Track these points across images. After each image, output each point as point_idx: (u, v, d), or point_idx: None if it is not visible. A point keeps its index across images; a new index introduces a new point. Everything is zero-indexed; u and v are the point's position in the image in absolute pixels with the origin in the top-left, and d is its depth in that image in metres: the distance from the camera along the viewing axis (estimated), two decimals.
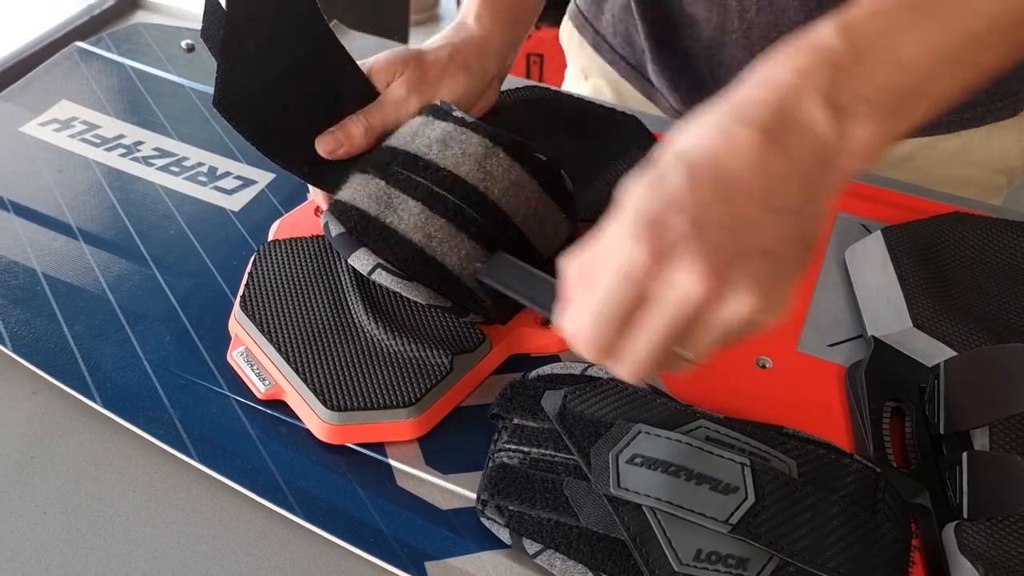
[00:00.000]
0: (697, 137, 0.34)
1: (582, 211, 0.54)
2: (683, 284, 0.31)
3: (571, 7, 0.82)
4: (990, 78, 0.37)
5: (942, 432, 0.42)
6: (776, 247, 0.32)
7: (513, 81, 0.67)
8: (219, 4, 0.47)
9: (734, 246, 0.31)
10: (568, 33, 0.83)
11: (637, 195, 0.33)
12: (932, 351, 0.45)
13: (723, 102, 0.35)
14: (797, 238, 0.33)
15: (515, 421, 0.42)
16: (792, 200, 0.33)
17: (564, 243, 0.50)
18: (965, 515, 0.39)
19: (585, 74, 0.80)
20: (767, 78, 0.35)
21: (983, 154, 0.65)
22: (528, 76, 1.80)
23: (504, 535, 0.40)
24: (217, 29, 0.47)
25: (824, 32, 0.34)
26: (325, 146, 0.51)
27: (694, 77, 0.70)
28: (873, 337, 0.47)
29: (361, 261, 0.46)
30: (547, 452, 0.39)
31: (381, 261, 0.46)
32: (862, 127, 0.34)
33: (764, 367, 0.48)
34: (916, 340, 0.46)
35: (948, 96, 0.36)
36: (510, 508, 0.39)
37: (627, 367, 0.34)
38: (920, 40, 0.34)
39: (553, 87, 0.66)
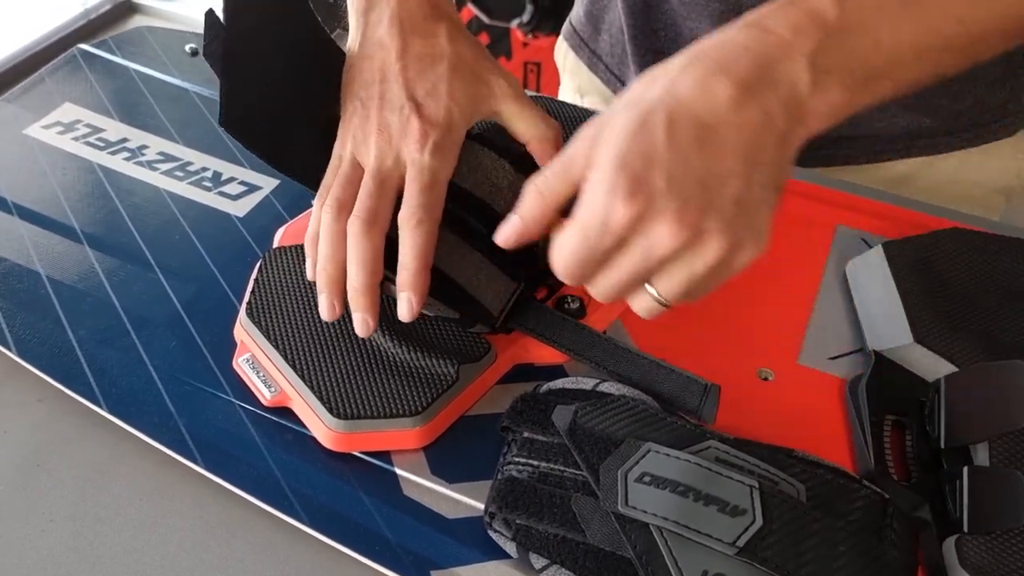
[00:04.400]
0: (678, 85, 0.35)
1: None
2: (658, 237, 0.34)
3: (566, 27, 0.82)
4: (946, 77, 0.41)
5: (942, 446, 0.43)
6: (747, 195, 0.35)
7: None
8: (219, 21, 0.46)
9: (708, 199, 0.34)
10: (563, 52, 0.83)
11: (619, 146, 0.34)
12: (933, 366, 0.46)
13: (710, 43, 0.36)
14: (768, 184, 0.35)
15: (525, 434, 0.42)
16: (764, 154, 0.35)
17: None
18: (965, 529, 0.39)
19: (581, 93, 0.80)
20: (758, 26, 0.36)
21: (981, 174, 0.66)
22: (525, 85, 1.81)
23: (511, 548, 0.40)
24: (218, 47, 0.46)
25: None
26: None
27: None
28: (874, 351, 0.48)
29: None
30: (556, 467, 0.40)
31: (388, 274, 0.46)
32: (835, 92, 0.36)
33: (766, 379, 0.49)
34: (917, 355, 0.47)
35: (907, 85, 0.39)
36: (517, 522, 0.39)
37: (598, 294, 0.39)
38: (900, 29, 0.37)
39: (553, 98, 0.66)
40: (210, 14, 0.46)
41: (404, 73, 0.46)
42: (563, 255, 0.37)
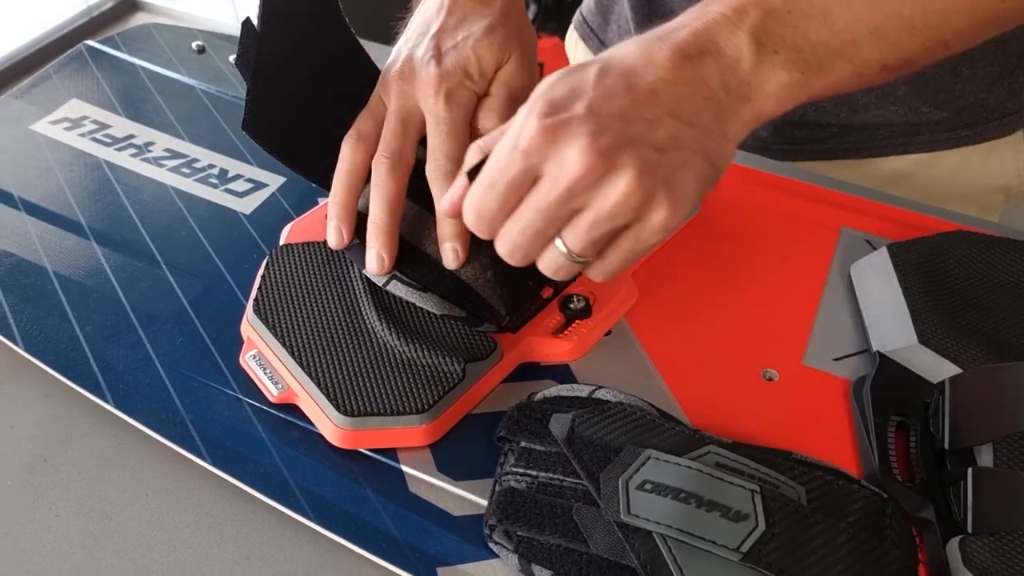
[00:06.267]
0: (620, 49, 0.36)
1: None
2: (567, 159, 0.32)
3: (576, 17, 0.83)
4: (917, 65, 0.39)
5: (946, 448, 0.43)
6: (672, 147, 0.33)
7: None
8: (255, 29, 0.46)
9: (626, 134, 0.32)
10: (573, 43, 0.83)
11: (546, 83, 0.34)
12: (937, 367, 0.46)
13: (659, 27, 0.37)
14: (699, 151, 0.34)
15: (522, 444, 0.41)
16: (697, 117, 0.34)
17: None
18: (969, 530, 0.39)
19: None
20: (699, 10, 0.37)
21: (981, 172, 0.66)
22: None
23: (513, 561, 0.39)
24: (251, 57, 0.46)
25: None
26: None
27: None
28: (878, 352, 0.48)
29: None
30: (555, 476, 0.39)
31: (396, 272, 0.46)
32: (783, 71, 0.35)
33: (771, 380, 0.49)
34: (921, 356, 0.47)
35: (870, 67, 0.38)
36: (519, 533, 0.39)
37: (505, 246, 0.37)
38: (852, 6, 0.36)
39: None
40: (247, 23, 0.46)
41: (441, 28, 0.48)
42: (473, 190, 0.35)
